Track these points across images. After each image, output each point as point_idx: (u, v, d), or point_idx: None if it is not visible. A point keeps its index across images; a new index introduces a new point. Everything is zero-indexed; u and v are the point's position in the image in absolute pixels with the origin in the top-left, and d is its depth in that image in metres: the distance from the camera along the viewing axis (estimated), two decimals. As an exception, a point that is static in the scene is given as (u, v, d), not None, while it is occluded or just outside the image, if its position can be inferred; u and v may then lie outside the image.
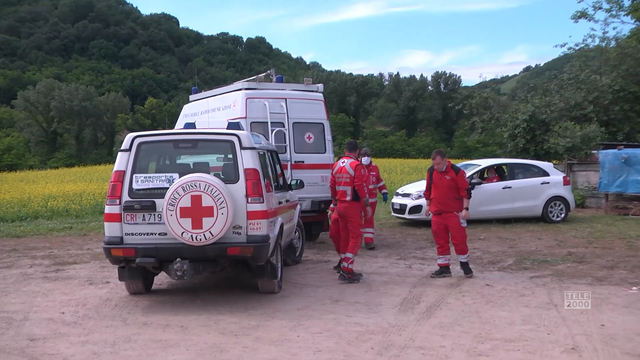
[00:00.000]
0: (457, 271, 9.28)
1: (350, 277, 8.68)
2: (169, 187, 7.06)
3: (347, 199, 8.86)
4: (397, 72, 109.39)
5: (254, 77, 11.95)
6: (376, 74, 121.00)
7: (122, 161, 7.33)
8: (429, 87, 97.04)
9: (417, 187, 15.59)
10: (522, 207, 15.30)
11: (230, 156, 7.46)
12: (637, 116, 24.34)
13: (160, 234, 7.17)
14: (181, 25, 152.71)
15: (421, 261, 10.33)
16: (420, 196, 14.32)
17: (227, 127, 7.89)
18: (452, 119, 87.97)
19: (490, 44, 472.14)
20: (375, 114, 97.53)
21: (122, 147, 7.43)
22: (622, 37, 26.51)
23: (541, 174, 15.83)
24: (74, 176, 39.58)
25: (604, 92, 23.94)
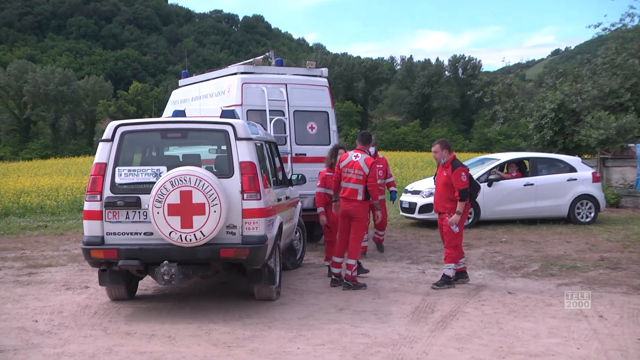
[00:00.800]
0: (475, 277, 9.29)
1: (355, 284, 8.68)
2: (155, 182, 7.07)
3: (359, 198, 8.76)
4: (410, 56, 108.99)
5: (251, 60, 11.95)
6: (387, 57, 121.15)
7: (103, 152, 7.34)
8: (446, 73, 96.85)
9: (428, 184, 15.53)
10: (545, 207, 15.27)
11: (223, 148, 7.47)
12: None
13: (145, 233, 7.19)
14: (170, 1, 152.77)
15: (436, 266, 10.33)
16: (431, 194, 14.27)
17: (221, 116, 7.90)
18: (471, 108, 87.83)
19: (514, 24, 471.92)
20: (385, 102, 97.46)
21: (103, 137, 7.45)
22: (666, 16, 26.34)
23: (567, 169, 15.78)
24: (49, 169, 39.63)
25: (644, 78, 23.85)
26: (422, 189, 15.54)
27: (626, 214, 17.91)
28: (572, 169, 15.76)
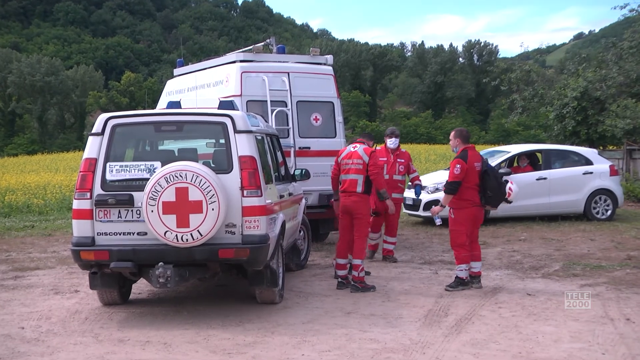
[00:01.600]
0: (492, 278, 9.29)
1: (363, 286, 8.70)
2: (149, 178, 7.08)
3: (358, 190, 8.79)
4: (422, 42, 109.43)
5: (251, 48, 11.97)
6: (397, 43, 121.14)
7: (93, 147, 7.35)
8: (460, 59, 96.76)
9: (434, 178, 15.46)
10: (559, 202, 15.21)
11: (222, 141, 7.49)
12: None
13: (139, 233, 7.21)
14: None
15: (449, 266, 10.32)
16: (437, 189, 14.24)
17: (219, 107, 7.90)
18: (488, 97, 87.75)
19: (533, 6, 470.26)
20: (395, 92, 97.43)
21: (93, 130, 7.45)
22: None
23: (583, 162, 15.72)
24: (36, 165, 39.78)
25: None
26: (427, 184, 15.42)
27: (654, 209, 17.88)
28: (588, 162, 15.69)
